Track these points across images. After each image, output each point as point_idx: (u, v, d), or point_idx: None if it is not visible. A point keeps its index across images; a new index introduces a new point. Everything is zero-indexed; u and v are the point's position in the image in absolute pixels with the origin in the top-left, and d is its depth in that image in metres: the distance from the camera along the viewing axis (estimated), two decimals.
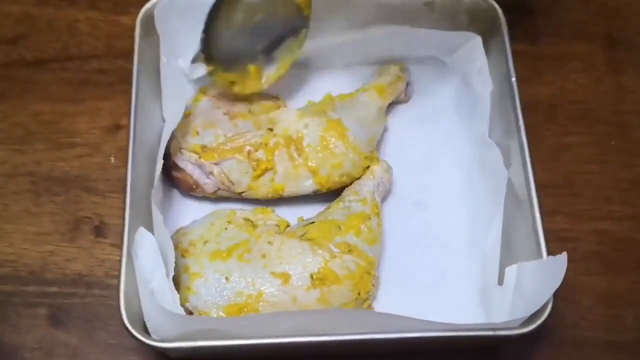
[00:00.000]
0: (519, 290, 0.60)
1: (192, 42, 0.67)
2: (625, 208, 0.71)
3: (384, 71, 0.74)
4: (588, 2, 0.82)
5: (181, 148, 0.68)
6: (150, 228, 0.59)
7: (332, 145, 0.67)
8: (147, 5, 0.69)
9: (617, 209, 0.71)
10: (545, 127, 0.75)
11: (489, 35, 0.72)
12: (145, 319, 0.58)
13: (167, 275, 0.58)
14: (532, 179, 0.63)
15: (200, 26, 0.65)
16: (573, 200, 0.71)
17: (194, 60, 0.69)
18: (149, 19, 0.67)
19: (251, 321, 0.58)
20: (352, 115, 0.69)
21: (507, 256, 0.63)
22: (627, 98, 0.77)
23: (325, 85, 0.74)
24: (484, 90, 0.69)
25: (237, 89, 0.69)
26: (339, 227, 0.64)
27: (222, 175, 0.67)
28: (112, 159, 0.72)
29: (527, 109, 0.67)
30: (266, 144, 0.68)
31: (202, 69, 0.69)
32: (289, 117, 0.69)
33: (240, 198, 0.69)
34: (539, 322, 0.57)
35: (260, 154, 0.67)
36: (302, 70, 0.74)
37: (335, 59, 0.74)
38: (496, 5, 0.71)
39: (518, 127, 0.65)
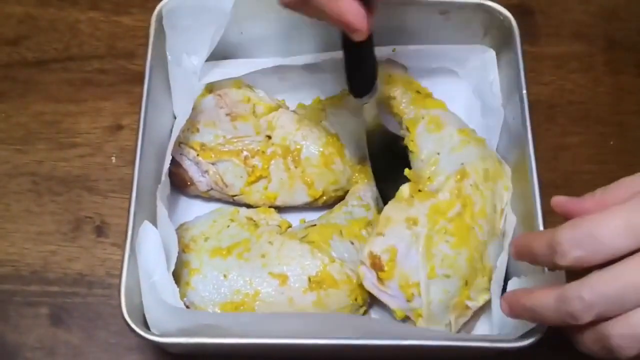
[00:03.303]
0: None
1: (204, 42, 0.66)
2: None
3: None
4: (588, 2, 0.82)
5: (180, 142, 0.68)
6: (153, 224, 0.59)
7: (331, 163, 0.67)
8: (162, 3, 0.67)
9: None
10: (545, 127, 0.75)
11: (502, 46, 0.71)
12: (146, 312, 0.57)
13: (168, 270, 0.58)
14: (536, 180, 0.62)
15: (211, 27, 0.65)
16: None
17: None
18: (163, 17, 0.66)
19: (252, 318, 0.58)
20: (347, 130, 0.69)
21: (507, 257, 0.63)
22: (625, 98, 0.77)
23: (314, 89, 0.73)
24: (495, 104, 0.69)
25: None
26: (340, 232, 0.64)
27: (217, 176, 0.67)
28: (114, 158, 0.72)
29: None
30: (263, 152, 0.67)
31: (213, 73, 0.69)
32: (287, 123, 0.68)
33: (232, 201, 0.69)
34: (538, 335, 0.57)
35: (256, 161, 0.67)
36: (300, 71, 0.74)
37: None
38: (511, 17, 0.69)
39: (527, 139, 0.63)
